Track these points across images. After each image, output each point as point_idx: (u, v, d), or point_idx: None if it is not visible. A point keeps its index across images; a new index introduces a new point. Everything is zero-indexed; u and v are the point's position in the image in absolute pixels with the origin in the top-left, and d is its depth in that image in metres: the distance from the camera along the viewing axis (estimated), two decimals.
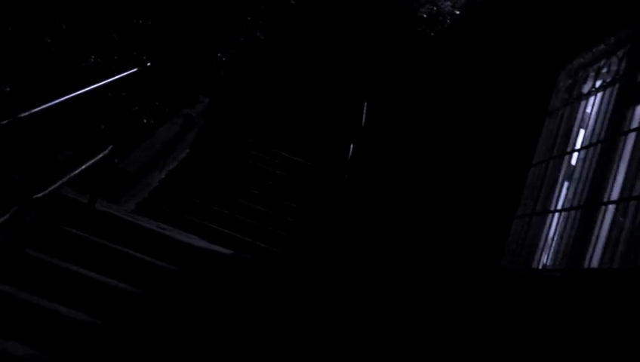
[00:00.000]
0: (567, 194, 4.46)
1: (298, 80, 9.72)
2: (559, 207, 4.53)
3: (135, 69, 4.36)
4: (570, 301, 3.61)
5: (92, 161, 3.59)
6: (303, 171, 7.86)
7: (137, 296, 3.40)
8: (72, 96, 3.18)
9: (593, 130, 4.36)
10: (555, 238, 4.35)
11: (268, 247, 5.82)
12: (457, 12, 10.65)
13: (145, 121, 5.94)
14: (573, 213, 4.19)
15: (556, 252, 4.29)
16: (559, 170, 4.71)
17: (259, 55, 8.96)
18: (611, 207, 3.88)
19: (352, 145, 7.31)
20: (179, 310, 3.53)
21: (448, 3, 11.60)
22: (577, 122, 4.79)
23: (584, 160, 4.34)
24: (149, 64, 4.73)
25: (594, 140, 4.14)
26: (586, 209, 3.97)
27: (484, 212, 5.15)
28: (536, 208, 4.74)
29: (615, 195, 3.83)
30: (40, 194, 2.93)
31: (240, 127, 8.47)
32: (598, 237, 3.87)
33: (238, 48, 7.81)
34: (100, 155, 3.73)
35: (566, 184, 4.60)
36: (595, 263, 3.88)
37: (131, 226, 4.01)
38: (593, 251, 3.89)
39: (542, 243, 4.54)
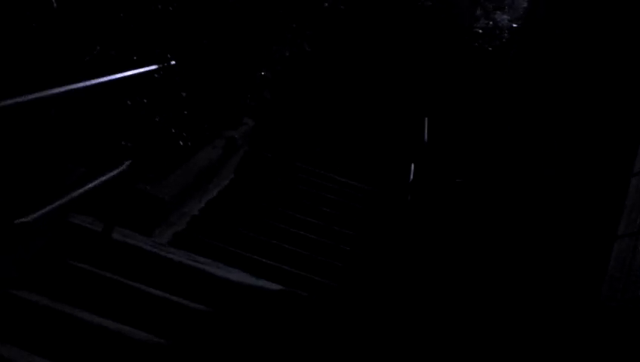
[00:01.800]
0: None
1: (351, 98, 9.15)
2: None
3: (155, 66, 3.78)
4: None
5: (103, 177, 3.03)
6: (360, 195, 7.26)
7: (159, 347, 2.82)
8: (76, 88, 2.62)
9: None
10: None
11: (322, 281, 5.20)
12: (515, 25, 10.44)
13: (181, 143, 5.44)
14: None
15: None
16: None
17: (306, 70, 8.47)
18: None
19: (413, 165, 6.67)
20: None
21: (505, 17, 11.43)
22: None
23: None
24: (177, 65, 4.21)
25: None
26: None
27: (576, 233, 4.42)
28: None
29: None
30: (27, 219, 2.38)
31: (288, 151, 7.95)
32: None
33: (283, 64, 7.32)
34: (115, 172, 3.18)
35: None
36: None
37: (156, 259, 3.45)
38: None
39: None
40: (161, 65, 3.91)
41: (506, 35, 10.72)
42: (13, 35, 3.08)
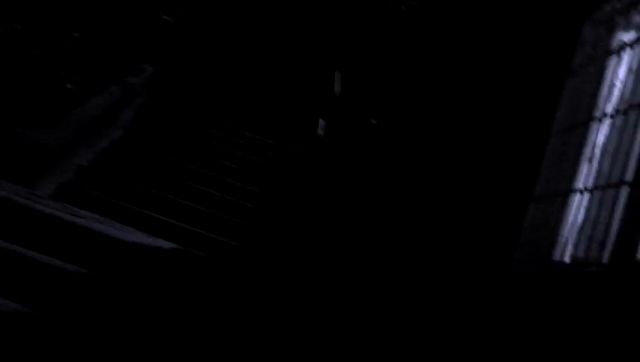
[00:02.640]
0: (599, 169, 3.58)
1: (261, 49, 8.75)
2: (587, 185, 3.67)
3: None
4: (623, 303, 2.74)
5: None
6: (270, 152, 6.93)
7: (23, 318, 2.42)
8: None
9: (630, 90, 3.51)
10: (587, 223, 3.48)
11: (223, 240, 4.87)
12: None
13: (70, 86, 4.93)
14: (612, 191, 3.32)
15: (589, 241, 3.42)
16: (587, 140, 3.84)
17: (214, 16, 7.99)
18: None
19: (322, 120, 6.39)
20: (93, 334, 2.57)
21: None
22: (608, 82, 3.93)
23: (622, 126, 3.48)
24: None
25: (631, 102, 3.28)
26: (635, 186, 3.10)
27: (491, 193, 4.27)
28: (559, 187, 3.87)
29: None
30: None
31: (193, 102, 7.50)
32: None
33: (187, 7, 6.84)
34: None
35: (596, 156, 3.73)
36: None
37: (29, 213, 3.02)
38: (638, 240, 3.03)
39: (567, 230, 3.66)
40: None
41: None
42: None
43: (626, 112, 3.47)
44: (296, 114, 7.79)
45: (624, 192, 3.23)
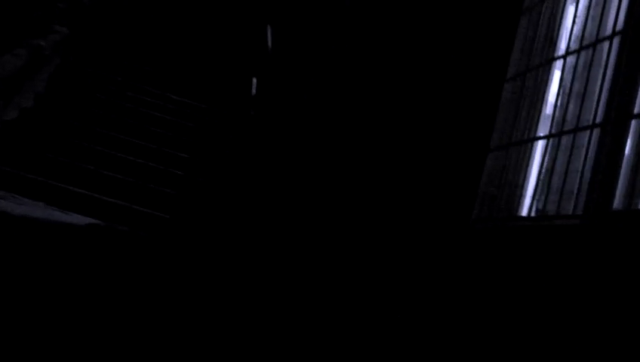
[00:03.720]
0: (559, 115, 3.28)
1: (187, 1, 8.16)
2: (545, 132, 3.37)
3: None
4: (598, 257, 2.45)
5: None
6: (198, 115, 6.44)
7: None
8: None
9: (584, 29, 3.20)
10: (551, 174, 3.19)
11: (151, 212, 4.40)
12: None
13: None
14: (577, 137, 3.03)
15: (555, 192, 3.13)
16: (546, 83, 3.54)
17: None
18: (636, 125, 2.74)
19: (255, 79, 5.93)
20: None
21: None
22: (561, 21, 3.62)
23: (581, 66, 3.18)
24: None
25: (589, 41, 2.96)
26: (612, 126, 2.80)
27: (445, 147, 3.95)
28: (518, 136, 3.57)
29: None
30: None
31: (112, 64, 6.91)
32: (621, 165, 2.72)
33: None
34: None
35: (552, 101, 3.43)
36: (617, 205, 2.76)
37: None
38: (614, 187, 2.76)
39: (528, 181, 3.36)
40: None
41: None
42: None
43: (579, 51, 3.17)
44: (226, 72, 7.31)
45: (593, 137, 2.94)
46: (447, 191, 3.81)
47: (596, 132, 2.91)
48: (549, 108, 3.41)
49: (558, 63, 3.45)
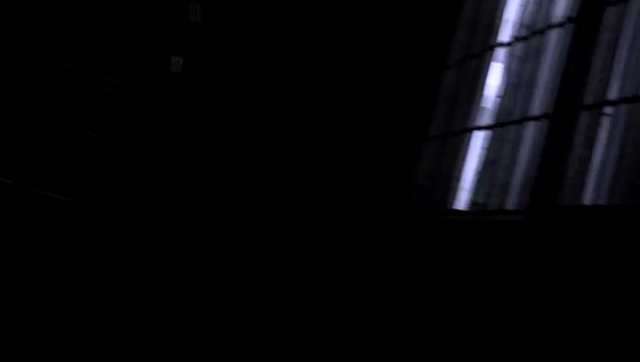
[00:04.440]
0: (502, 105, 3.14)
1: None
2: (487, 122, 3.22)
3: None
4: (543, 255, 2.30)
5: None
6: (112, 91, 6.03)
7: None
8: None
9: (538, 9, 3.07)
10: (490, 166, 3.05)
11: (56, 197, 4.02)
12: None
13: None
14: (522, 129, 2.89)
15: (494, 186, 2.98)
16: (488, 71, 3.39)
17: None
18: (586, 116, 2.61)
19: (176, 56, 5.57)
20: None
21: None
22: (506, 6, 3.49)
23: (525, 55, 3.04)
24: None
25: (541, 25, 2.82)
26: (561, 118, 2.67)
27: (381, 136, 3.75)
28: (455, 125, 3.40)
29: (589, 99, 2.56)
30: None
31: (12, 32, 6.40)
32: (568, 163, 2.60)
33: None
34: None
35: (494, 90, 3.28)
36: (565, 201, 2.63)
37: None
38: (562, 182, 2.63)
39: (467, 174, 3.21)
40: None
41: None
42: None
43: (526, 39, 3.03)
44: (146, 47, 6.91)
45: (540, 129, 2.79)
46: (382, 182, 3.61)
47: (543, 123, 2.77)
48: (491, 98, 3.26)
49: (503, 51, 3.31)
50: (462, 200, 3.20)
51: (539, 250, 2.43)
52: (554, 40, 2.90)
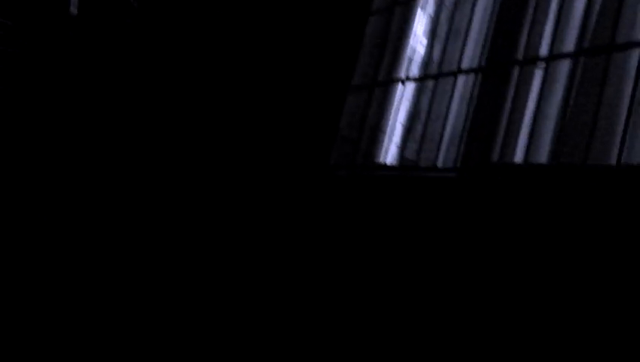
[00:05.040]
0: (433, 56, 3.04)
1: None
2: (416, 73, 3.12)
3: None
4: (476, 213, 2.25)
5: None
6: (7, 35, 5.53)
7: None
8: None
9: None
10: (419, 119, 2.96)
11: None
12: None
13: None
14: (451, 81, 2.81)
15: (429, 141, 2.90)
16: (416, 20, 3.26)
17: None
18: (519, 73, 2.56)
19: None
20: None
21: None
22: None
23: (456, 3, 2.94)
24: None
25: None
26: (494, 72, 2.59)
27: (301, 85, 3.58)
28: (382, 76, 3.28)
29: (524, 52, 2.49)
30: None
31: None
32: (504, 118, 2.54)
33: None
34: None
35: (424, 39, 3.18)
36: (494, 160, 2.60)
37: None
38: (494, 139, 2.58)
39: (395, 127, 3.11)
40: None
41: None
42: None
43: None
44: None
45: (472, 83, 2.71)
46: (301, 133, 3.46)
47: (476, 77, 2.68)
48: (421, 48, 3.14)
49: None
50: (390, 154, 3.11)
51: (469, 209, 2.37)
52: None
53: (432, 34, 3.03)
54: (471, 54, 2.74)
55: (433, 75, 2.89)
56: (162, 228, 3.44)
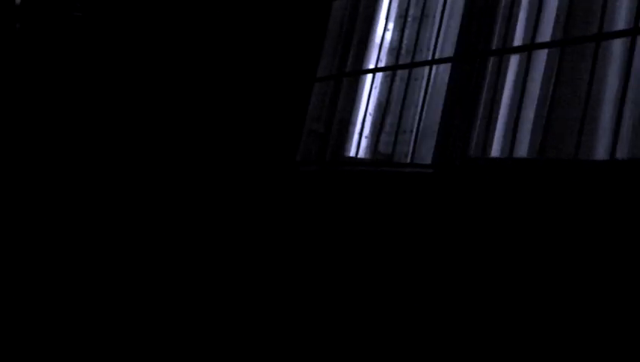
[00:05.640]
0: (405, 44, 2.89)
1: None
2: (384, 62, 2.98)
3: None
4: (453, 209, 2.14)
5: None
6: None
7: None
8: None
9: None
10: (389, 111, 2.83)
11: None
12: None
13: None
14: (423, 73, 2.67)
15: (403, 134, 2.76)
16: (380, 2, 3.12)
17: None
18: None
19: None
20: None
21: None
22: None
23: None
24: None
25: None
26: (470, 62, 2.46)
27: (263, 75, 3.42)
28: (349, 65, 3.13)
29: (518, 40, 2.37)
30: None
31: None
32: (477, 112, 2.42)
33: None
34: None
35: (394, 25, 3.04)
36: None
37: None
38: (471, 132, 2.46)
39: (366, 119, 2.97)
40: None
41: None
42: None
43: None
44: None
45: (447, 73, 2.58)
46: (265, 128, 3.30)
47: (450, 67, 2.55)
48: (390, 35, 2.99)
49: None
50: (362, 148, 2.97)
51: (448, 203, 2.25)
52: None
53: (403, 19, 2.88)
54: (443, 41, 2.61)
55: (405, 64, 2.74)
56: (130, 225, 3.26)
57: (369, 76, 2.99)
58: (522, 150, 2.31)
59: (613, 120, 2.05)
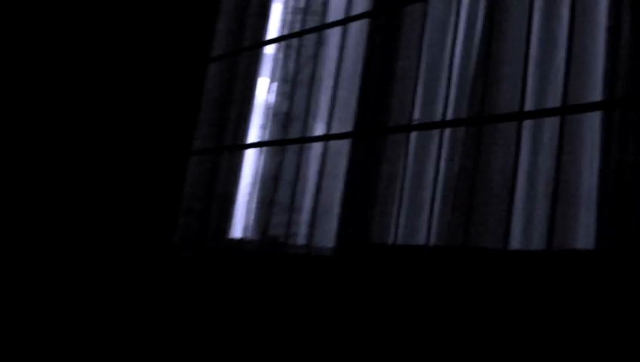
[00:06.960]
0: (288, 107, 2.66)
1: None
2: (269, 129, 2.72)
3: None
4: (355, 297, 1.89)
5: None
6: None
7: None
8: None
9: None
10: (281, 190, 2.57)
11: None
12: None
13: None
14: (318, 149, 2.45)
15: (297, 212, 2.51)
16: (260, 66, 2.87)
17: None
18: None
19: None
20: None
21: None
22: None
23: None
24: None
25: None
26: (367, 138, 2.26)
27: (131, 149, 3.07)
28: (228, 135, 2.84)
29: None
30: None
31: None
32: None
33: None
34: None
35: (273, 87, 2.79)
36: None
37: None
38: (372, 214, 2.25)
39: (252, 196, 2.69)
40: None
41: None
42: None
43: (303, 15, 2.53)
44: None
45: (344, 147, 2.34)
46: (139, 209, 2.93)
47: (350, 143, 2.31)
48: (275, 99, 2.72)
49: (277, 46, 2.78)
50: (248, 228, 2.66)
51: (350, 290, 1.98)
52: (355, 34, 2.44)
53: (292, 83, 2.62)
54: (340, 112, 2.37)
55: (295, 138, 2.48)
56: None
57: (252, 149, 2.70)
58: (433, 229, 2.09)
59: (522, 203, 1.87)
